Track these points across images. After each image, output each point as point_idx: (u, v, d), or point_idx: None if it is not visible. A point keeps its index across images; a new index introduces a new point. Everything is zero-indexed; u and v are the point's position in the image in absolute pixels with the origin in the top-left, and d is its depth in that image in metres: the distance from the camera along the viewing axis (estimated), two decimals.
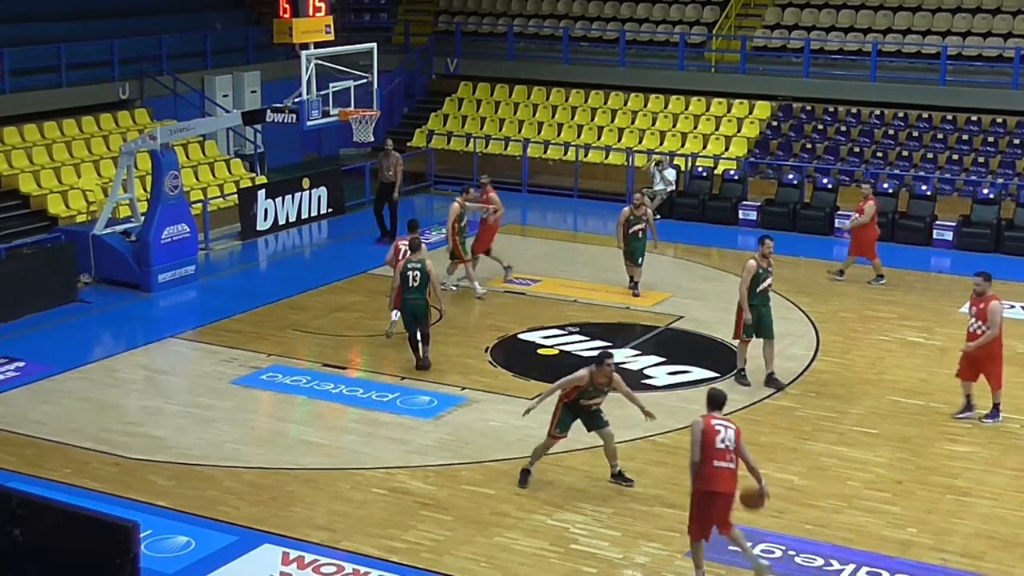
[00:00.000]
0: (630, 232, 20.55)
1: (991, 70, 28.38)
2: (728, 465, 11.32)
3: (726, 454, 11.30)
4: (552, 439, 13.51)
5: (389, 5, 35.86)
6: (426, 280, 17.00)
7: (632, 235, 20.55)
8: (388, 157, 24.40)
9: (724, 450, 11.29)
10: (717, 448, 11.28)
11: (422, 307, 17.11)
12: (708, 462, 11.30)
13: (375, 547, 12.24)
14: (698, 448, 11.31)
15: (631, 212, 20.63)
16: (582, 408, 13.43)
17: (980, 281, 15.43)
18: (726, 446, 11.30)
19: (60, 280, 20.05)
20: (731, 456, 11.31)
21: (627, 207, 20.95)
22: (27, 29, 26.24)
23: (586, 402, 13.38)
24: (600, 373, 13.26)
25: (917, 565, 12.02)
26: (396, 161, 24.34)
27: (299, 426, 15.55)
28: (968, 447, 14.82)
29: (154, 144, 20.77)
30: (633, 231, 20.53)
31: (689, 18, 32.28)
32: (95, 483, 13.59)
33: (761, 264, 16.78)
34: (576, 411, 13.45)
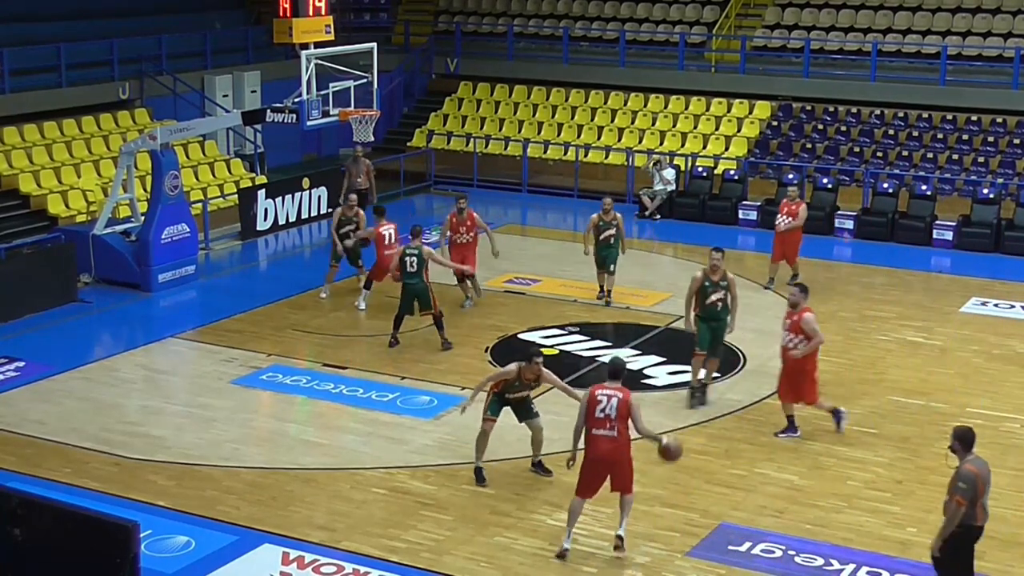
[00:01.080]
0: (601, 238, 19.89)
1: (991, 70, 28.39)
2: (606, 433, 11.85)
3: (605, 422, 11.83)
4: (486, 422, 13.78)
5: (389, 5, 35.87)
6: (422, 264, 17.79)
7: (603, 242, 19.91)
8: (358, 163, 23.80)
9: (603, 419, 11.83)
10: (596, 417, 11.87)
11: (422, 290, 17.80)
12: (588, 430, 11.97)
13: (375, 547, 12.24)
14: (582, 416, 11.98)
15: (600, 218, 19.90)
16: (508, 400, 13.78)
17: (795, 292, 14.79)
18: (606, 415, 11.82)
19: (60, 280, 20.05)
20: (611, 424, 11.83)
21: (596, 213, 20.12)
22: (27, 29, 26.24)
23: (511, 395, 13.75)
24: (528, 369, 13.57)
25: (917, 565, 12.01)
26: (367, 168, 23.75)
27: (299, 426, 15.55)
28: None
29: (154, 144, 20.76)
30: (604, 237, 19.87)
31: (689, 18, 32.28)
32: (95, 483, 13.59)
33: (710, 276, 15.96)
34: (504, 401, 13.81)
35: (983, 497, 10.38)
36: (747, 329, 18.99)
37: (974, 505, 10.36)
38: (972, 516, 10.41)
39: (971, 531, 10.49)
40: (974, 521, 10.44)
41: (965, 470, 10.38)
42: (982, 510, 10.42)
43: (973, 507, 10.36)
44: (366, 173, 23.77)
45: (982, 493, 10.38)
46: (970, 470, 10.37)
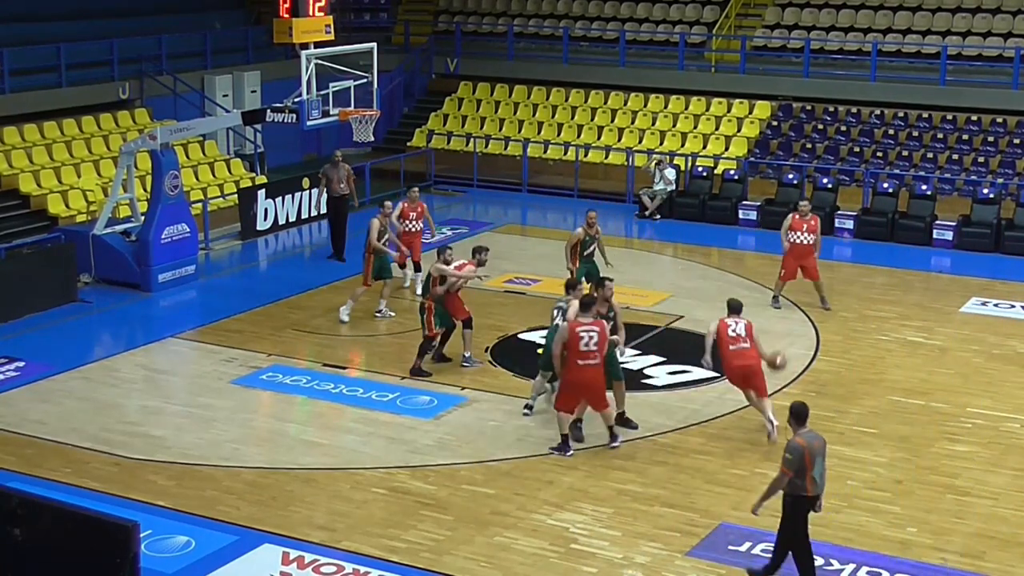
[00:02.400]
0: (584, 254, 19.05)
1: (991, 70, 28.39)
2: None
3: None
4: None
5: (389, 5, 35.87)
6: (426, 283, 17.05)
7: (586, 258, 19.08)
8: (338, 168, 22.93)
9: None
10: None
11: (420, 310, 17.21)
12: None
13: (375, 547, 12.24)
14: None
15: (585, 232, 18.98)
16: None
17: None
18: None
19: (60, 280, 20.04)
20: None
21: (580, 227, 19.17)
22: (27, 29, 26.25)
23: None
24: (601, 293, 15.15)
25: (917, 565, 12.01)
26: (348, 173, 23.03)
27: (299, 426, 15.55)
28: (968, 447, 14.82)
29: (154, 144, 20.76)
30: (587, 254, 19.07)
31: (689, 18, 32.28)
32: (95, 483, 13.59)
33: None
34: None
35: (811, 470, 10.90)
36: None
37: (802, 476, 10.89)
38: (801, 487, 10.96)
39: (800, 501, 11.03)
40: (803, 492, 10.98)
41: (793, 442, 10.97)
42: (811, 482, 10.94)
43: (801, 478, 10.90)
44: (347, 179, 23.01)
45: (809, 466, 10.90)
46: (798, 443, 10.94)
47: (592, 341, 13.84)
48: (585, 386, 14.06)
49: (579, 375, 13.96)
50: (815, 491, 11.03)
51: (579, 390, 14.11)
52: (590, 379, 14.01)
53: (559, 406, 14.31)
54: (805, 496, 11.00)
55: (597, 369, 14.04)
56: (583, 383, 14.02)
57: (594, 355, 13.89)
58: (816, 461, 10.95)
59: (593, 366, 13.95)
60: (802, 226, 19.66)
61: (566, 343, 13.88)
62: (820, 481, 11.04)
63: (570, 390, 14.15)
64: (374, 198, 27.14)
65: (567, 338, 13.86)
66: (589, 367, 13.93)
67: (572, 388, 14.12)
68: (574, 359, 13.89)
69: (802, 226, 19.66)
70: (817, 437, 11.14)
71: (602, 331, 13.99)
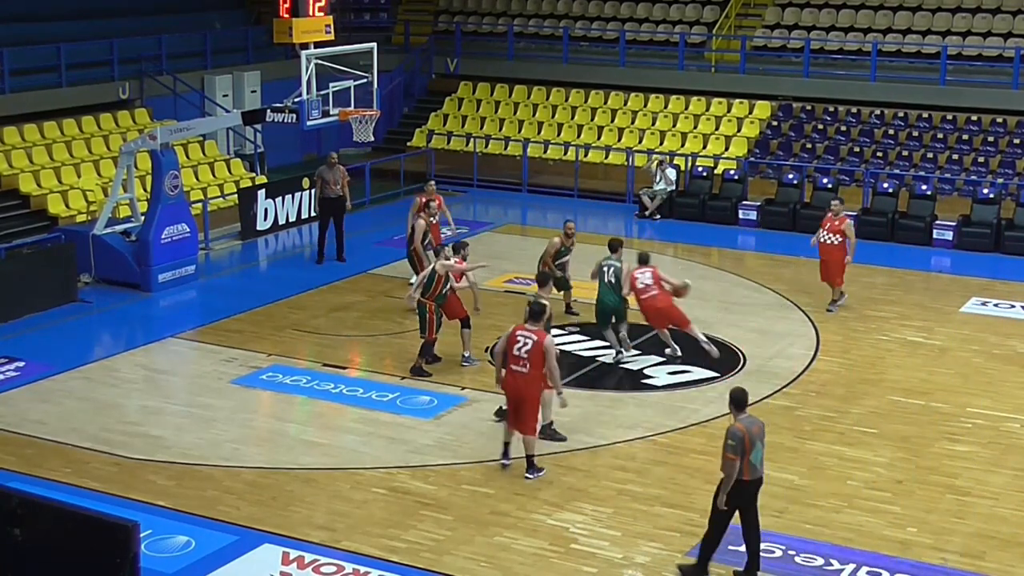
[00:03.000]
0: (557, 264, 18.87)
1: (991, 70, 28.39)
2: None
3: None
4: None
5: (389, 5, 35.88)
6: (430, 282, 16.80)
7: (559, 267, 18.90)
8: (334, 171, 22.60)
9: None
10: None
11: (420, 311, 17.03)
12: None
13: (375, 547, 12.24)
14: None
15: (562, 242, 18.88)
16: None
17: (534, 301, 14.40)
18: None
19: (60, 280, 20.04)
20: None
21: (558, 237, 19.03)
22: (27, 29, 26.25)
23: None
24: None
25: (917, 565, 12.02)
26: (343, 175, 22.69)
27: (299, 426, 15.55)
28: (968, 447, 14.82)
29: (154, 144, 20.76)
30: (560, 263, 18.96)
31: (689, 18, 32.29)
32: (95, 483, 13.59)
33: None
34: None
35: (750, 454, 11.13)
36: (747, 329, 19.04)
37: (741, 460, 11.14)
38: (739, 471, 11.20)
39: (737, 484, 11.24)
40: (741, 475, 11.20)
41: (734, 428, 11.17)
42: (749, 466, 11.17)
43: (740, 462, 11.14)
44: (342, 180, 22.65)
45: (749, 450, 11.12)
46: (738, 428, 11.15)
47: (525, 348, 13.39)
48: (508, 395, 13.69)
49: (507, 381, 13.62)
50: (752, 475, 11.25)
51: (509, 400, 13.71)
52: (510, 387, 13.58)
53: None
54: (742, 479, 11.21)
55: (524, 379, 13.48)
56: (507, 389, 13.66)
57: (524, 363, 13.42)
58: (755, 445, 11.20)
59: (520, 375, 13.47)
60: (826, 225, 19.70)
61: (507, 339, 13.59)
62: (759, 466, 11.30)
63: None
64: (374, 198, 27.19)
65: (508, 336, 13.59)
66: (516, 374, 13.50)
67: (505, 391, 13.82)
68: (508, 364, 13.58)
69: (826, 225, 19.70)
70: (756, 422, 11.36)
71: (538, 344, 13.41)
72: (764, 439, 11.39)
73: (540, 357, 13.38)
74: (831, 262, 19.74)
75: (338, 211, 22.73)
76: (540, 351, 13.38)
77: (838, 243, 19.58)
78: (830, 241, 19.63)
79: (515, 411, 13.67)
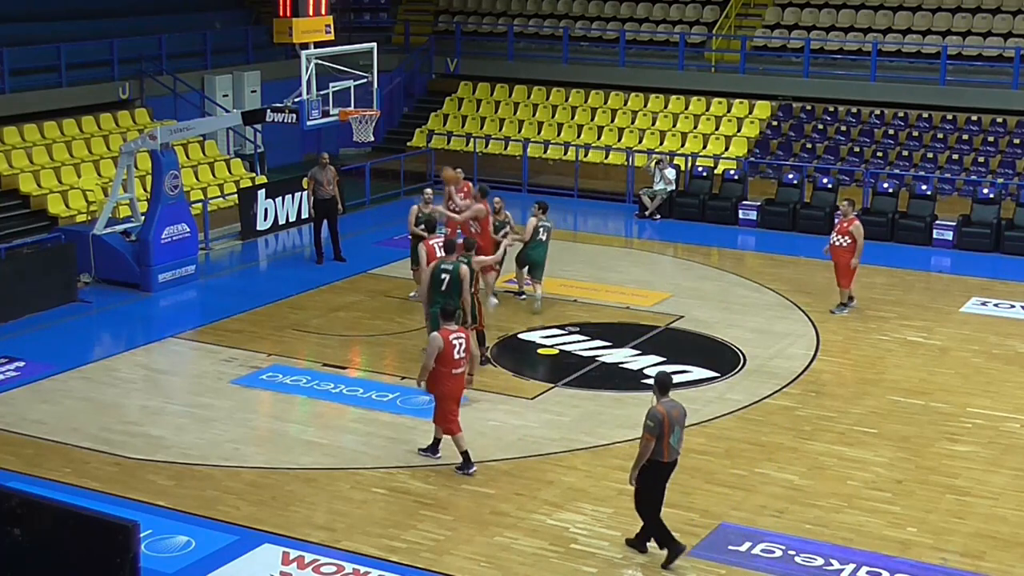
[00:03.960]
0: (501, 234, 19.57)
1: (991, 70, 28.39)
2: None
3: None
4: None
5: (389, 5, 35.88)
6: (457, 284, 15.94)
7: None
8: (325, 171, 22.47)
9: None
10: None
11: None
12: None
13: (375, 547, 12.24)
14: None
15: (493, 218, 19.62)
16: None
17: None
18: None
19: (60, 280, 20.04)
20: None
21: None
22: (27, 29, 26.24)
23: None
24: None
25: (917, 565, 12.02)
26: (334, 175, 22.58)
27: (299, 426, 15.55)
28: (968, 447, 14.82)
29: (154, 144, 20.76)
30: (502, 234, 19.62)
31: (689, 18, 32.29)
32: (95, 483, 13.59)
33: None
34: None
35: (668, 436, 11.55)
36: (747, 329, 19.04)
37: (660, 442, 11.53)
38: (659, 452, 11.60)
39: (656, 466, 11.67)
40: (660, 457, 11.62)
41: (654, 410, 11.58)
42: (668, 448, 11.59)
43: (660, 444, 11.54)
44: (334, 180, 22.53)
45: (667, 432, 11.53)
46: (658, 410, 11.57)
47: (462, 348, 13.64)
48: (458, 398, 13.89)
49: (454, 385, 13.72)
50: (671, 456, 11.68)
51: (455, 403, 13.86)
52: (459, 389, 13.86)
53: (451, 430, 13.87)
54: (661, 461, 11.62)
55: (464, 378, 13.97)
56: (457, 394, 13.83)
57: (463, 363, 13.72)
58: (674, 429, 11.61)
59: (461, 375, 13.81)
60: (837, 227, 19.65)
61: (440, 354, 13.50)
62: (676, 447, 11.72)
63: (449, 404, 13.83)
64: (374, 198, 27.19)
65: (442, 347, 13.48)
66: (460, 376, 13.76)
67: (451, 401, 13.84)
68: (448, 369, 13.60)
69: (837, 227, 19.65)
70: (676, 406, 11.75)
71: (468, 339, 13.82)
72: (684, 423, 11.85)
73: (469, 349, 13.87)
74: (840, 264, 19.63)
75: (331, 212, 22.60)
76: (469, 344, 13.89)
77: (847, 245, 19.45)
78: (839, 243, 19.52)
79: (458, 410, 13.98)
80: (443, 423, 13.93)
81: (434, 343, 13.56)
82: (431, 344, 13.63)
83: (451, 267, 15.95)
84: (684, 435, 11.89)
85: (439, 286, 15.88)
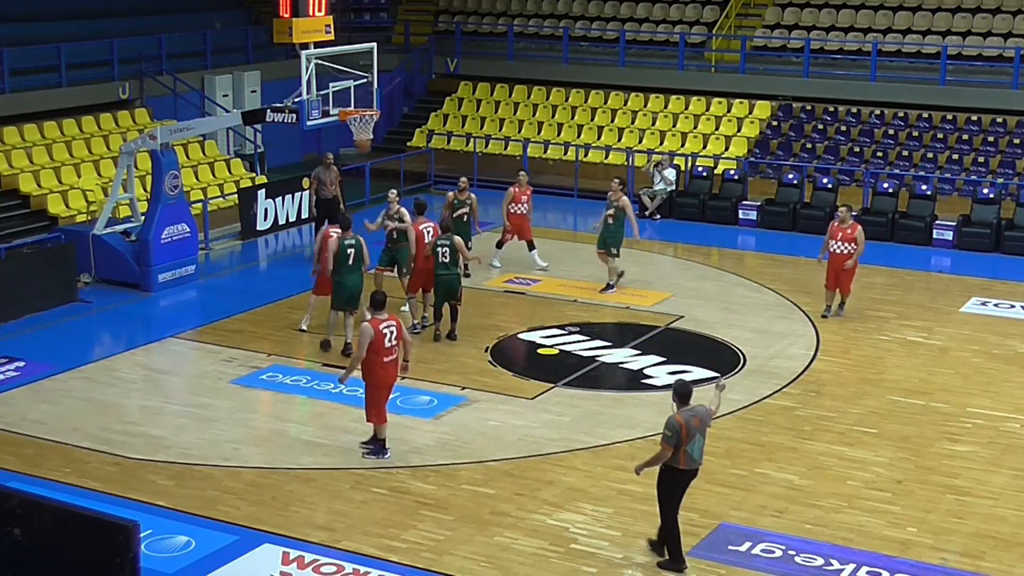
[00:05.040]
0: (455, 215, 20.95)
1: (991, 70, 28.39)
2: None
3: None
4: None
5: (389, 5, 35.87)
6: (455, 254, 18.05)
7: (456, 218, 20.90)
8: (329, 171, 22.69)
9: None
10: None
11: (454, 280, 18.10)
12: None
13: (375, 547, 12.24)
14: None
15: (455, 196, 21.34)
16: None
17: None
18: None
19: (60, 280, 20.03)
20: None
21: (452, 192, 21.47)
22: (27, 29, 26.24)
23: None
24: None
25: (917, 565, 12.02)
26: (337, 176, 22.77)
27: (299, 426, 15.55)
28: (968, 447, 14.82)
29: (154, 144, 20.76)
30: (458, 214, 21.10)
31: (689, 18, 32.29)
32: (95, 483, 13.59)
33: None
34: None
35: (687, 445, 11.49)
36: (747, 329, 19.04)
37: (677, 451, 11.50)
38: (675, 460, 11.57)
39: (674, 472, 11.67)
40: (677, 464, 11.60)
41: (672, 419, 11.53)
42: (685, 456, 11.54)
43: (677, 452, 11.51)
44: (336, 181, 22.72)
45: (685, 441, 11.48)
46: (676, 420, 11.50)
47: (393, 336, 13.81)
48: (390, 386, 14.06)
49: (384, 373, 13.88)
50: (689, 465, 11.62)
51: (387, 391, 14.06)
52: (391, 376, 13.98)
53: (376, 419, 14.14)
54: (679, 468, 11.59)
55: (396, 364, 14.00)
56: (388, 382, 13.99)
57: (394, 350, 13.86)
58: (694, 438, 11.52)
59: (393, 362, 13.93)
60: (837, 234, 19.19)
61: (371, 342, 13.70)
62: (696, 456, 11.65)
63: (380, 392, 14.02)
64: (374, 198, 27.16)
65: (372, 336, 13.68)
66: (391, 363, 13.89)
67: (382, 390, 14.02)
68: (380, 358, 13.79)
69: (837, 234, 19.19)
70: (696, 414, 11.61)
71: (399, 326, 13.99)
72: (706, 432, 11.72)
73: (401, 336, 13.94)
74: (841, 270, 19.26)
75: (332, 212, 22.54)
76: (401, 331, 13.96)
77: (849, 251, 19.16)
78: (840, 249, 19.18)
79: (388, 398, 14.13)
80: (370, 409, 14.09)
81: (365, 333, 13.70)
82: (362, 335, 13.75)
83: (355, 242, 17.39)
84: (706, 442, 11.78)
85: (346, 260, 17.28)
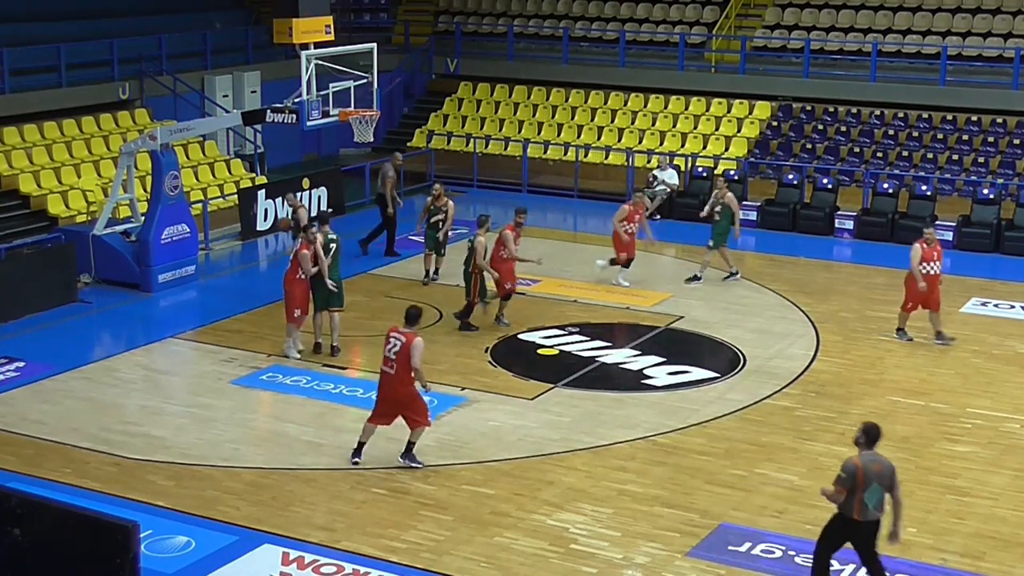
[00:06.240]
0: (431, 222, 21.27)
1: (991, 70, 28.39)
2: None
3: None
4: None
5: (389, 5, 35.87)
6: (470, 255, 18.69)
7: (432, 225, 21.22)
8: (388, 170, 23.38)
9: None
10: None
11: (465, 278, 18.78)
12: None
13: (375, 547, 12.24)
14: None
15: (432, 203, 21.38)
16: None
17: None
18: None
19: (60, 280, 20.04)
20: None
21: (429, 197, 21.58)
22: (27, 29, 26.24)
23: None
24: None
25: (917, 565, 12.02)
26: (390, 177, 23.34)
27: (299, 426, 15.55)
28: (968, 447, 14.82)
29: (154, 144, 20.76)
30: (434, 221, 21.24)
31: (689, 18, 32.29)
32: (95, 483, 13.59)
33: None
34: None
35: (862, 492, 10.57)
36: (747, 329, 19.04)
37: (852, 496, 10.62)
38: (849, 508, 10.70)
39: (843, 520, 10.78)
40: (850, 513, 10.71)
41: (849, 461, 10.70)
42: (860, 505, 10.63)
43: (851, 498, 10.63)
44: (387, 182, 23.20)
45: (861, 487, 10.57)
46: (853, 462, 10.66)
47: (394, 350, 13.61)
48: (383, 397, 13.94)
49: (380, 382, 13.90)
50: (863, 516, 10.70)
51: (380, 399, 14.02)
52: (381, 386, 13.89)
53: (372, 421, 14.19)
54: (852, 518, 10.70)
55: (391, 379, 13.71)
56: (382, 393, 13.93)
57: (391, 363, 13.66)
58: (870, 485, 10.62)
59: (387, 375, 13.73)
60: (932, 255, 18.36)
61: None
62: (872, 508, 10.71)
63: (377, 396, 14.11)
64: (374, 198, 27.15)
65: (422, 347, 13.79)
66: (384, 374, 13.76)
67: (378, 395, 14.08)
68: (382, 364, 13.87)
69: (932, 255, 18.36)
70: (879, 461, 10.74)
71: (406, 346, 13.57)
72: (888, 484, 10.73)
73: (407, 359, 13.55)
74: (937, 291, 18.45)
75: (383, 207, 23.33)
76: (407, 353, 13.55)
77: (939, 271, 18.43)
78: (935, 271, 18.37)
79: (386, 410, 13.91)
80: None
81: (417, 348, 13.59)
82: (421, 349, 13.61)
83: (336, 236, 17.84)
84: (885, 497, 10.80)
85: (327, 254, 17.59)
